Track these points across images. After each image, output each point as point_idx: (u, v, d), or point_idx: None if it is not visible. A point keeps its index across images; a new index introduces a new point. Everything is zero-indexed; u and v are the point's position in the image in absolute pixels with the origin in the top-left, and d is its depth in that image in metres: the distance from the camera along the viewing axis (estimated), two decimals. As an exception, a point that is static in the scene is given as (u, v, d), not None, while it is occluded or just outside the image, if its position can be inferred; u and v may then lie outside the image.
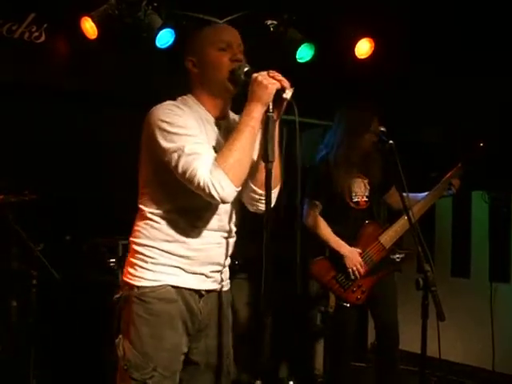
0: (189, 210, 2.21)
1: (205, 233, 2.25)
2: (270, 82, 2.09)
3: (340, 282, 3.74)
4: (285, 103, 2.15)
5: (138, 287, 2.22)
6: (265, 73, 2.12)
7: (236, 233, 2.41)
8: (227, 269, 2.41)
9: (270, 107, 2.11)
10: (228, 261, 2.40)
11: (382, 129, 3.17)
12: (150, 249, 2.24)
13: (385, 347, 3.84)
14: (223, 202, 2.12)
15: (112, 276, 4.21)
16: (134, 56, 4.59)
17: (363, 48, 4.81)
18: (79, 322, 4.33)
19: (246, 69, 2.19)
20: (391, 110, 4.55)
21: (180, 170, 2.07)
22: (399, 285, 3.96)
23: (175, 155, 2.08)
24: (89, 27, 4.19)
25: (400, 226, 3.73)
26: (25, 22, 4.30)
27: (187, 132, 2.12)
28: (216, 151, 2.15)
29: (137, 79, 4.67)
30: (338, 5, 4.50)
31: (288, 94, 2.12)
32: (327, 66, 5.00)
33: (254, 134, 2.12)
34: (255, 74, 2.12)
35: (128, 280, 2.26)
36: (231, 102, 2.35)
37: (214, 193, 2.04)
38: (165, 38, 4.35)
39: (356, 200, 3.81)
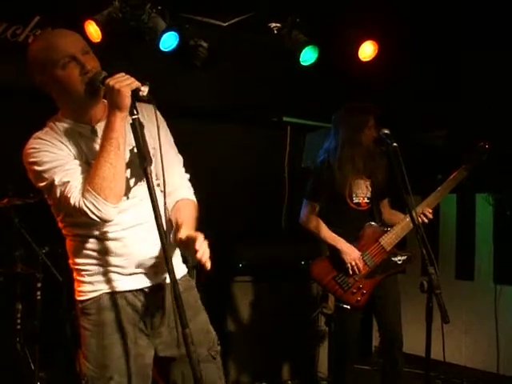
0: (92, 224, 2.15)
1: (122, 234, 2.19)
2: (121, 85, 2.00)
3: (340, 283, 3.70)
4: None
5: (81, 302, 2.24)
6: (117, 76, 2.03)
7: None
8: (173, 258, 2.25)
9: (134, 110, 2.02)
10: (170, 251, 2.23)
11: (386, 131, 3.16)
12: (83, 265, 2.23)
13: (388, 350, 3.83)
14: (105, 221, 2.08)
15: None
16: (138, 59, 4.60)
17: (367, 50, 4.81)
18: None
19: (101, 76, 2.07)
20: (395, 112, 4.56)
21: (58, 201, 2.10)
22: (403, 287, 3.95)
23: (50, 189, 2.09)
24: (93, 30, 4.20)
25: (401, 228, 3.71)
26: (29, 25, 4.31)
27: (54, 164, 2.08)
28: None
29: (141, 82, 4.67)
30: (341, 7, 4.51)
31: (145, 92, 2.04)
32: (331, 69, 5.00)
33: (117, 144, 2.03)
34: (107, 81, 2.03)
35: (75, 297, 2.28)
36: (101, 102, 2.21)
37: (92, 216, 2.03)
38: (169, 41, 4.36)
39: (357, 201, 3.79)
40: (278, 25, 4.61)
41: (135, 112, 2.02)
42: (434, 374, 4.72)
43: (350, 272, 3.67)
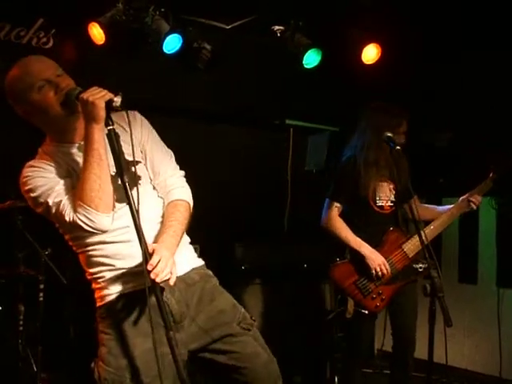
0: (98, 233, 2.22)
1: (128, 235, 2.22)
2: (95, 97, 2.06)
3: (360, 288, 3.64)
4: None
5: (99, 308, 2.31)
6: (90, 89, 2.10)
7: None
8: (184, 249, 2.36)
9: (109, 121, 2.07)
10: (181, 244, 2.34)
11: (389, 134, 3.15)
12: (96, 273, 2.31)
13: (401, 353, 3.79)
14: (102, 231, 2.17)
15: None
16: (141, 61, 4.61)
17: (370, 53, 4.81)
18: (86, 326, 4.33)
19: (75, 92, 2.13)
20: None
21: (55, 220, 2.23)
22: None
23: (47, 211, 2.20)
24: (96, 33, 4.21)
25: (425, 236, 3.67)
26: (33, 27, 4.32)
27: (46, 188, 2.19)
28: None
29: (144, 84, 4.68)
30: (344, 10, 4.51)
31: (118, 102, 2.08)
32: (334, 72, 5.00)
33: (99, 155, 2.11)
34: (81, 95, 2.09)
35: (97, 306, 2.33)
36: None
37: (87, 228, 2.13)
38: (172, 43, 4.36)
39: (380, 204, 3.71)
40: (281, 28, 4.62)
41: (110, 123, 2.07)
42: (436, 377, 4.70)
43: (375, 277, 3.61)
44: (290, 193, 5.68)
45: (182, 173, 2.47)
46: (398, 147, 3.08)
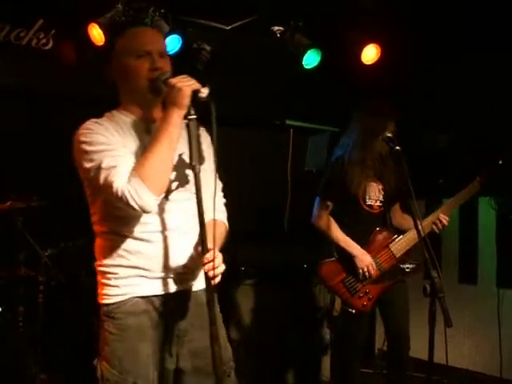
0: (129, 220, 2.18)
1: (155, 236, 2.20)
2: (184, 84, 2.05)
3: (347, 286, 3.68)
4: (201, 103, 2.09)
5: (106, 305, 2.23)
6: (180, 76, 2.10)
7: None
8: (197, 267, 2.28)
9: (191, 111, 2.06)
10: (200, 258, 2.24)
11: (389, 134, 3.16)
12: (110, 267, 2.24)
13: (395, 354, 3.82)
14: (144, 211, 2.08)
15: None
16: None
17: (370, 54, 4.81)
18: (86, 327, 4.33)
19: (165, 77, 2.14)
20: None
21: (101, 184, 2.08)
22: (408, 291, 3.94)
23: (96, 172, 2.09)
24: (96, 34, 4.21)
25: (412, 236, 3.67)
26: (32, 28, 4.32)
27: (105, 147, 2.11)
28: None
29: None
30: (344, 11, 4.51)
31: (204, 93, 2.06)
32: (334, 72, 5.01)
33: (171, 139, 2.07)
34: (170, 79, 2.10)
35: (100, 301, 2.27)
36: (162, 105, 2.26)
37: (131, 202, 2.03)
38: (172, 44, 4.36)
39: (369, 203, 3.75)
40: (281, 28, 4.61)
41: (192, 112, 2.06)
42: (436, 378, 4.69)
43: (361, 277, 3.65)
44: (289, 193, 5.68)
45: (224, 201, 2.48)
46: (398, 147, 3.08)
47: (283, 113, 5.59)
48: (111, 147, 2.12)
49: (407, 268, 3.70)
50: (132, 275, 2.21)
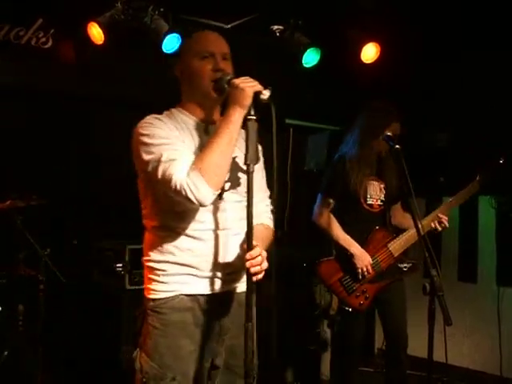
0: (182, 216, 2.22)
1: (206, 235, 2.24)
2: (246, 84, 2.11)
3: (345, 285, 3.68)
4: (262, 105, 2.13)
5: (152, 300, 2.26)
6: (243, 77, 2.15)
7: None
8: (244, 269, 2.32)
9: (252, 111, 2.10)
10: (243, 261, 2.31)
11: (389, 133, 3.16)
12: (159, 263, 2.26)
13: (393, 351, 3.82)
14: (201, 204, 2.11)
15: (119, 280, 4.22)
16: (140, 61, 4.61)
17: (369, 52, 4.81)
18: (86, 326, 4.34)
19: (228, 77, 2.19)
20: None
21: (159, 177, 2.11)
22: (406, 290, 3.94)
23: (155, 164, 2.12)
24: (95, 32, 4.21)
25: (410, 235, 3.68)
26: (32, 27, 4.32)
27: (165, 141, 2.15)
28: None
29: (143, 84, 4.68)
30: (343, 9, 4.51)
31: (266, 95, 2.11)
32: (333, 71, 5.00)
33: (231, 137, 2.12)
34: (233, 80, 2.15)
35: (146, 295, 2.31)
36: (221, 107, 2.33)
37: (190, 195, 2.06)
38: (171, 42, 4.36)
39: (370, 202, 3.74)
40: (281, 27, 4.62)
41: (252, 113, 2.11)
42: (436, 377, 4.69)
43: (360, 277, 3.65)
44: (289, 192, 5.68)
45: (272, 208, 2.52)
46: (398, 146, 3.08)
47: (283, 112, 5.58)
48: (170, 141, 2.17)
49: (405, 267, 3.71)
50: (180, 273, 2.24)
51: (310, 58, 4.67)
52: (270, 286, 2.19)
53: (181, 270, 2.24)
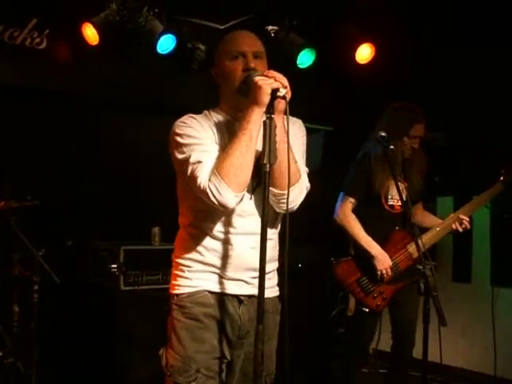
0: (213, 217, 2.23)
1: (235, 238, 2.25)
2: (265, 82, 2.07)
3: (362, 286, 3.66)
4: (282, 103, 2.12)
5: (176, 295, 2.29)
6: (266, 73, 2.13)
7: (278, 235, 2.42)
8: (272, 274, 2.38)
9: (270, 109, 2.09)
10: (272, 266, 2.37)
11: (383, 134, 3.16)
12: (186, 260, 2.29)
13: (398, 353, 3.78)
14: (225, 207, 2.12)
15: (113, 281, 4.21)
16: (134, 62, 4.60)
17: (364, 53, 4.81)
18: (80, 326, 4.33)
19: (253, 76, 2.15)
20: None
21: (188, 178, 2.14)
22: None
23: (184, 165, 2.15)
24: (90, 33, 4.20)
25: (430, 237, 3.68)
26: (26, 28, 4.31)
27: (195, 142, 2.16)
28: None
29: (137, 85, 4.68)
30: (338, 10, 4.51)
31: (282, 93, 2.09)
32: (328, 71, 5.00)
33: (250, 137, 2.10)
34: (254, 77, 2.12)
35: (171, 291, 2.33)
36: None
37: (212, 199, 2.08)
38: (166, 43, 4.36)
39: (391, 203, 3.73)
40: (275, 27, 4.61)
41: (270, 111, 2.08)
42: (431, 377, 4.72)
43: (379, 279, 3.62)
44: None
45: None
46: (392, 147, 3.08)
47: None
48: (201, 142, 2.18)
49: (423, 269, 3.64)
50: (205, 271, 2.26)
51: (305, 58, 4.67)
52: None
53: (205, 269, 2.26)
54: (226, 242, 2.25)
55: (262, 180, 2.08)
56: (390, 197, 3.74)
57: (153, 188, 4.72)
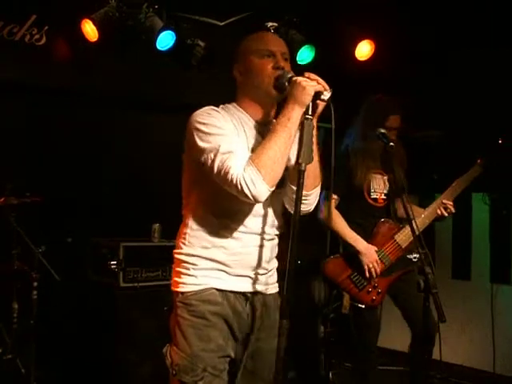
0: (226, 213, 2.23)
1: (243, 236, 2.25)
2: (308, 83, 2.09)
3: (355, 282, 3.62)
4: (321, 106, 2.14)
5: (181, 293, 2.26)
6: (307, 75, 2.15)
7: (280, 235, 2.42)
8: (274, 272, 2.40)
9: (309, 110, 2.10)
10: (274, 263, 2.40)
11: (382, 130, 3.15)
12: (191, 257, 2.27)
13: (423, 340, 3.57)
14: (256, 200, 2.10)
15: (113, 278, 4.21)
16: (134, 58, 4.60)
17: (363, 50, 4.81)
18: (80, 323, 4.33)
19: (289, 75, 2.19)
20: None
21: (215, 168, 2.10)
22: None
23: (211, 155, 2.11)
24: (89, 30, 4.20)
25: (416, 224, 3.67)
26: (26, 24, 4.30)
27: (223, 132, 2.15)
28: None
29: (137, 81, 4.67)
30: (338, 7, 4.51)
31: (326, 96, 2.10)
32: (327, 68, 4.99)
33: (289, 134, 2.11)
34: (295, 78, 2.15)
35: (174, 289, 2.30)
36: (276, 108, 2.34)
37: (245, 190, 2.05)
38: (165, 40, 4.35)
39: (374, 196, 3.72)
40: (275, 24, 4.61)
41: (310, 112, 2.09)
42: (430, 373, 4.72)
43: (367, 274, 3.59)
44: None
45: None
46: (392, 144, 3.08)
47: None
48: (228, 132, 2.17)
49: (414, 258, 3.60)
50: (212, 268, 2.25)
51: (305, 55, 4.67)
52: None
53: (212, 265, 2.25)
54: (236, 239, 2.25)
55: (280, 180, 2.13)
56: (372, 190, 3.71)
57: (153, 184, 4.72)
